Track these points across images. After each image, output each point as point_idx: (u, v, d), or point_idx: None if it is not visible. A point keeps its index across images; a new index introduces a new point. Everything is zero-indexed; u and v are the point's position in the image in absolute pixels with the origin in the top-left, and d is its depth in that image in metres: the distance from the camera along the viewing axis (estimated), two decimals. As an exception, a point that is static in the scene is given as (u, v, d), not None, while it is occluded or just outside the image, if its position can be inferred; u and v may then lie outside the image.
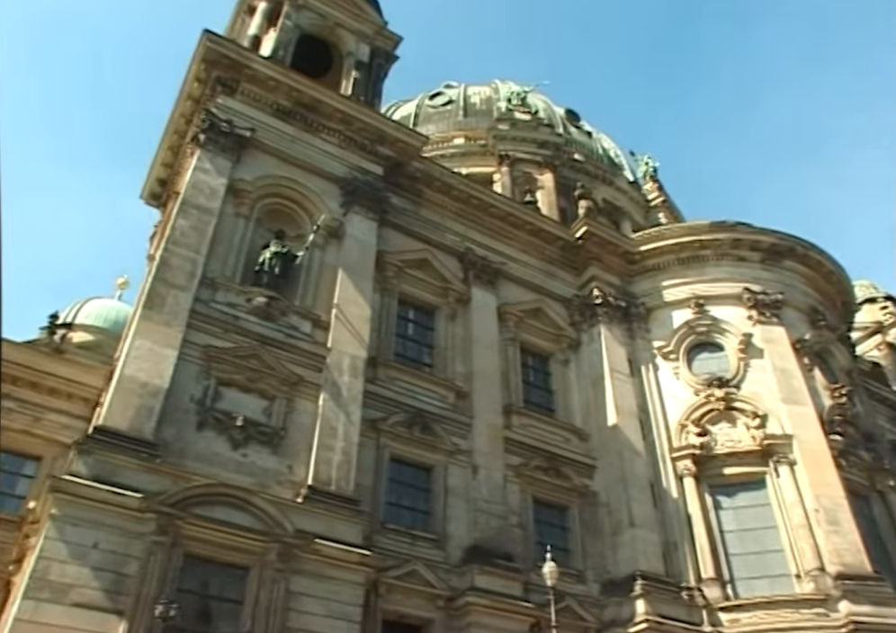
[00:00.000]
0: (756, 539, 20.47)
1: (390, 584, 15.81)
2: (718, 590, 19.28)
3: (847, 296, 27.20)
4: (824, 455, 21.06)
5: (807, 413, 21.87)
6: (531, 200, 31.63)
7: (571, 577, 18.83)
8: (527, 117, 36.89)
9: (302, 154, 20.67)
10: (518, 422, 20.65)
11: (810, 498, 20.26)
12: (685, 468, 21.30)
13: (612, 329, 23.57)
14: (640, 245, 25.45)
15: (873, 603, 18.47)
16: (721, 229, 25.46)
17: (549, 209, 31.03)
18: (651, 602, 18.23)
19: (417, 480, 18.26)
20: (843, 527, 19.80)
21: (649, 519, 20.00)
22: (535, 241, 24.66)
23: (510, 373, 21.56)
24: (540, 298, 23.64)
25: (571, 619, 17.82)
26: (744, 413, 21.97)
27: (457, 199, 23.53)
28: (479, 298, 22.19)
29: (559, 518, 19.94)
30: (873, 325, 38.14)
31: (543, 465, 20.06)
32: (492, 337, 21.59)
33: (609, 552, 19.69)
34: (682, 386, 22.96)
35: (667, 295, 24.74)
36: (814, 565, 19.29)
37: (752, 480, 21.29)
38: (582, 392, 22.66)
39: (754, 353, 23.23)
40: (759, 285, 24.50)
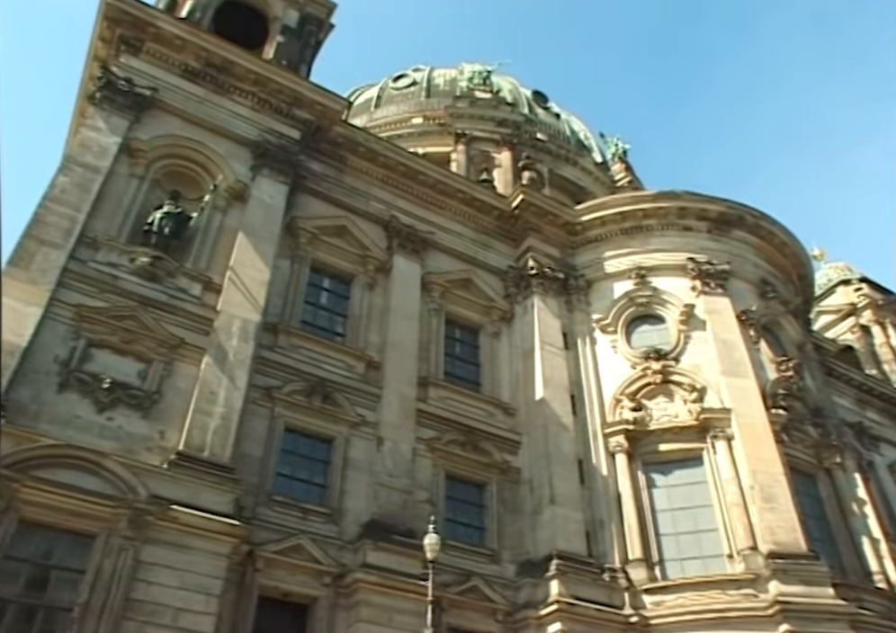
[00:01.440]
0: (689, 519, 19.20)
1: (270, 559, 14.76)
2: (644, 571, 18.03)
3: (804, 269, 25.85)
4: (763, 429, 19.78)
5: (748, 386, 20.59)
6: (486, 179, 30.57)
7: (484, 557, 17.73)
8: (487, 95, 35.92)
9: (210, 115, 19.79)
10: (436, 394, 19.55)
11: (746, 474, 18.99)
12: (618, 444, 20.09)
13: (547, 301, 22.43)
14: (582, 216, 24.30)
15: (804, 583, 17.15)
16: (665, 198, 24.25)
17: (505, 188, 29.85)
18: (567, 583, 17.03)
19: (316, 452, 17.20)
20: (779, 504, 18.51)
21: (572, 497, 18.81)
22: (469, 211, 23.60)
23: (431, 345, 20.48)
24: (470, 269, 22.56)
25: (478, 600, 16.69)
26: (682, 386, 20.73)
27: (383, 166, 22.54)
28: (401, 267, 21.15)
29: (475, 495, 18.79)
30: (846, 307, 36.66)
31: (460, 439, 18.94)
32: (413, 307, 20.53)
33: (529, 532, 18.52)
34: (619, 359, 21.76)
35: (609, 266, 23.56)
36: (746, 544, 18.01)
37: (689, 457, 20.02)
38: (512, 366, 21.54)
39: (696, 325, 21.98)
40: (705, 255, 23.27)
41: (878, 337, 34.94)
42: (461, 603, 16.42)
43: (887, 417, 31.20)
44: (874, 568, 19.34)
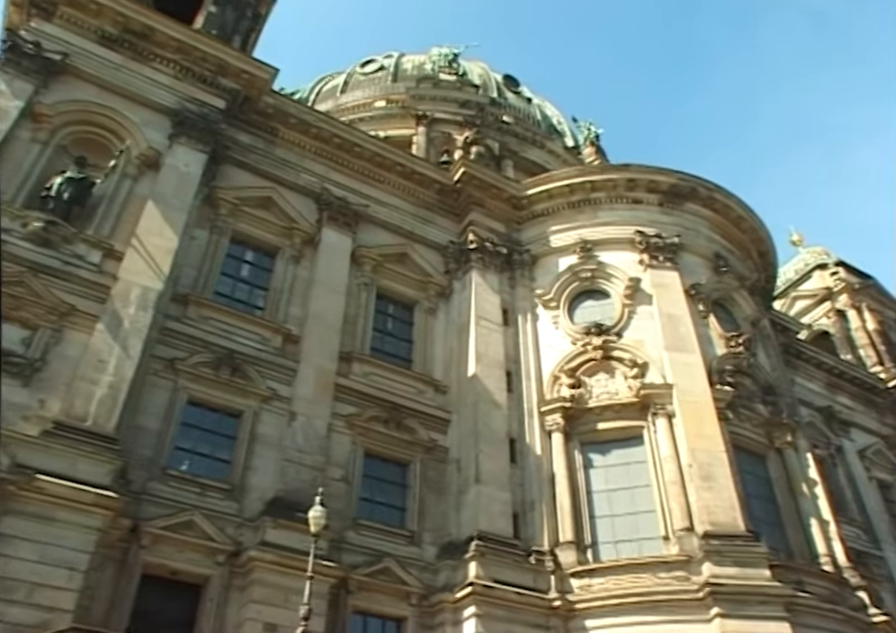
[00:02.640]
0: (626, 500, 18.22)
1: (158, 535, 13.90)
2: (573, 554, 17.05)
3: (765, 245, 24.78)
4: (706, 406, 18.77)
5: (692, 361, 19.59)
6: (447, 161, 29.75)
7: (401, 538, 16.84)
8: (452, 77, 35.16)
9: (127, 83, 19.05)
10: (360, 370, 18.69)
11: (686, 452, 18.00)
12: (554, 422, 19.13)
13: (486, 276, 21.52)
14: (528, 189, 23.40)
15: (739, 565, 16.13)
16: (614, 169, 23.36)
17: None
18: (486, 566, 16.08)
19: (222, 427, 16.35)
20: (718, 483, 17.49)
21: (500, 476, 17.86)
22: (409, 185, 22.75)
23: (358, 319, 19.63)
24: (406, 243, 21.70)
25: (389, 583, 15.78)
26: (623, 362, 19.77)
27: (317, 138, 21.73)
28: (330, 240, 20.31)
29: (397, 474, 17.89)
30: (822, 291, 35.48)
31: (382, 416, 18.05)
32: (340, 280, 19.68)
33: (453, 513, 17.59)
34: (560, 335, 20.81)
35: (555, 241, 22.63)
36: (682, 525, 17.02)
37: (629, 436, 19.04)
38: (447, 342, 20.65)
39: (642, 300, 21.01)
40: (655, 228, 22.30)
41: (854, 322, 33.76)
42: (370, 585, 15.51)
43: (860, 402, 30.12)
44: (821, 551, 18.28)
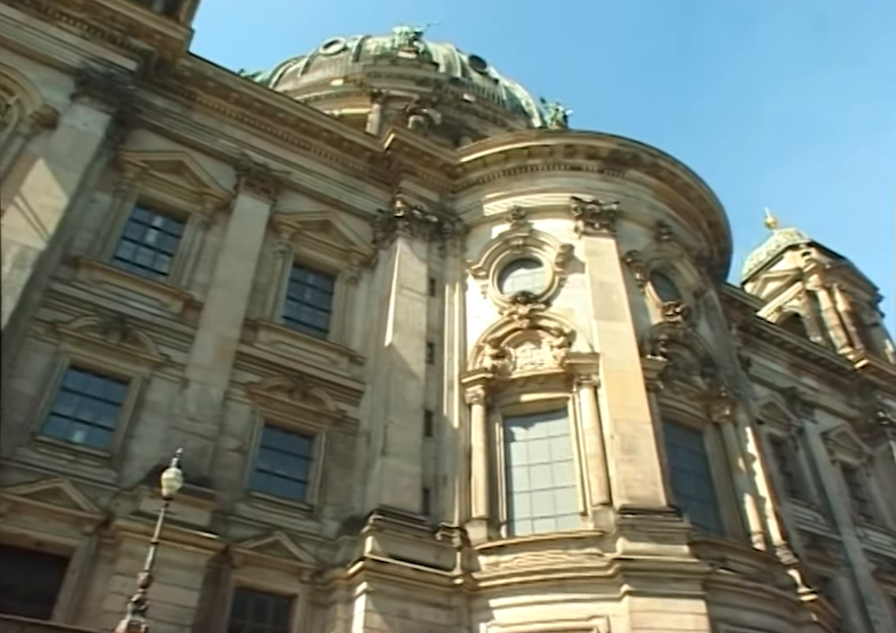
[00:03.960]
0: (546, 474, 17.23)
1: (19, 503, 13.10)
2: (484, 531, 16.06)
3: (715, 215, 23.72)
4: (633, 376, 17.75)
5: (621, 330, 18.59)
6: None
7: (299, 512, 15.92)
8: (411, 55, 34.30)
9: (29, 41, 18.26)
10: (267, 338, 17.81)
11: (609, 424, 17.02)
12: (474, 394, 18.14)
13: (413, 245, 20.60)
14: (462, 157, 22.47)
15: (655, 540, 15.11)
16: (550, 135, 22.45)
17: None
18: (384, 541, 15.13)
19: (108, 393, 15.48)
20: (640, 455, 16.48)
21: (410, 449, 16.91)
22: (337, 152, 21.87)
23: (271, 287, 18.77)
24: (329, 211, 20.81)
25: (279, 557, 14.86)
26: (550, 331, 18.79)
27: (237, 102, 20.89)
28: (245, 206, 19.46)
29: (302, 446, 16.97)
30: (792, 272, 34.25)
31: (287, 385, 17.15)
32: (252, 247, 18.81)
33: (359, 487, 16.67)
34: (488, 305, 19.86)
35: (488, 209, 21.68)
36: (600, 499, 16.02)
37: (553, 408, 18.04)
38: (369, 313, 19.75)
39: (574, 267, 20.03)
40: (593, 195, 21.33)
41: (824, 303, 32.53)
42: (257, 560, 14.59)
43: (826, 384, 28.96)
44: (755, 528, 17.18)
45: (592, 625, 14.29)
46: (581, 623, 14.38)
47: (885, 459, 27.66)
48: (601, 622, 14.30)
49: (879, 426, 28.25)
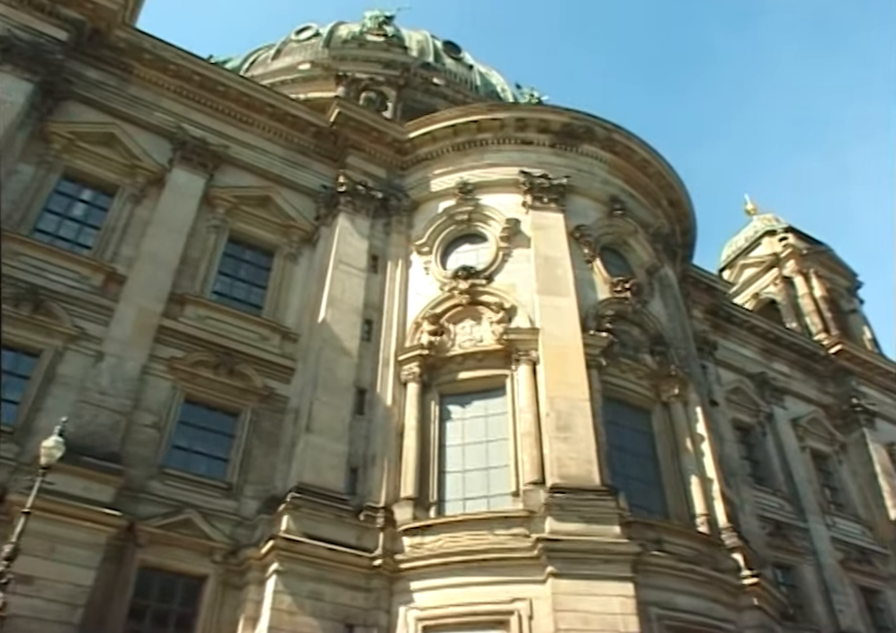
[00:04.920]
0: (481, 454, 16.53)
1: None
2: (410, 511, 15.38)
3: (675, 193, 22.96)
4: (573, 352, 17.04)
5: (564, 305, 17.88)
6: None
7: (215, 490, 15.27)
8: (379, 39, 33.66)
9: (-49, 9, 17.89)
10: (194, 313, 17.19)
11: (545, 401, 16.34)
12: (410, 372, 17.49)
13: (355, 220, 19.97)
14: (410, 132, 21.83)
15: (584, 520, 14.40)
16: (501, 108, 21.77)
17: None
18: (301, 520, 14.46)
19: (18, 366, 14.87)
20: (576, 433, 15.76)
21: (336, 427, 16.25)
22: (282, 127, 21.27)
23: (202, 262, 18.16)
24: (270, 186, 20.18)
25: (190, 536, 14.22)
26: (490, 307, 18.12)
27: (176, 76, 20.32)
28: (179, 180, 18.86)
29: (225, 423, 16.33)
30: (769, 258, 33.39)
31: (211, 361, 16.52)
32: (183, 221, 18.20)
33: (283, 465, 15.99)
34: (430, 281, 19.22)
35: (436, 185, 21.03)
36: (532, 478, 15.32)
37: (492, 386, 17.34)
38: (307, 289, 19.11)
39: (520, 242, 19.36)
40: (543, 169, 20.64)
41: (801, 288, 31.65)
42: (165, 539, 13.94)
43: (798, 370, 28.13)
44: (699, 510, 16.41)
45: (514, 608, 13.59)
46: (503, 606, 13.68)
47: (858, 447, 26.80)
48: (523, 605, 13.60)
49: (852, 413, 27.38)
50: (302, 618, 13.44)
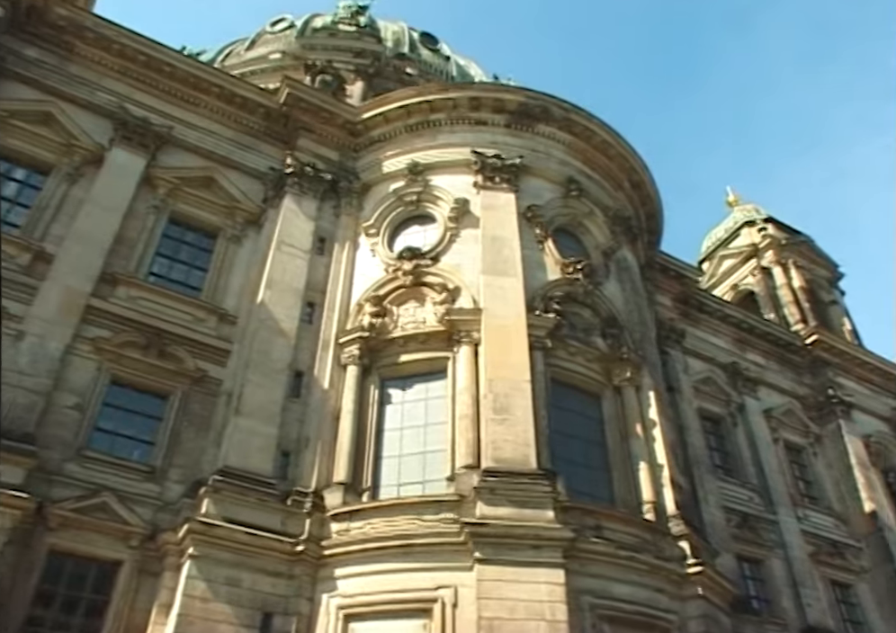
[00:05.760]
0: (420, 438, 15.94)
1: None
2: (340, 496, 14.78)
3: (638, 175, 22.31)
4: (516, 333, 16.43)
5: (509, 285, 17.27)
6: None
7: (137, 473, 14.72)
8: (351, 28, 33.26)
9: None
10: (126, 293, 16.67)
11: (484, 382, 15.74)
12: (350, 354, 16.93)
13: (302, 202, 19.45)
14: (363, 113, 21.31)
15: (516, 504, 13.76)
16: (455, 88, 21.20)
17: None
18: (223, 504, 13.90)
19: (-67, 347, 14.48)
20: (514, 415, 15.14)
21: (268, 409, 15.69)
22: (230, 109, 20.75)
23: (139, 242, 17.66)
24: (213, 167, 19.66)
25: (105, 520, 13.66)
26: (434, 288, 17.55)
27: (120, 55, 19.87)
28: (118, 160, 18.37)
29: (154, 405, 15.79)
30: (748, 248, 32.65)
31: (140, 342, 15.99)
32: (120, 201, 17.69)
33: (213, 449, 15.41)
34: (376, 263, 18.65)
35: (387, 167, 20.45)
36: (466, 462, 14.69)
37: (434, 369, 16.74)
38: (249, 272, 18.57)
39: (469, 223, 18.78)
40: (496, 150, 20.06)
41: (779, 279, 30.89)
42: (78, 523, 13.39)
43: (774, 360, 27.37)
44: (647, 497, 15.76)
45: (438, 595, 12.95)
46: (427, 593, 13.04)
47: (834, 438, 26.01)
48: (448, 592, 12.96)
49: (829, 404, 26.59)
50: (216, 605, 12.86)
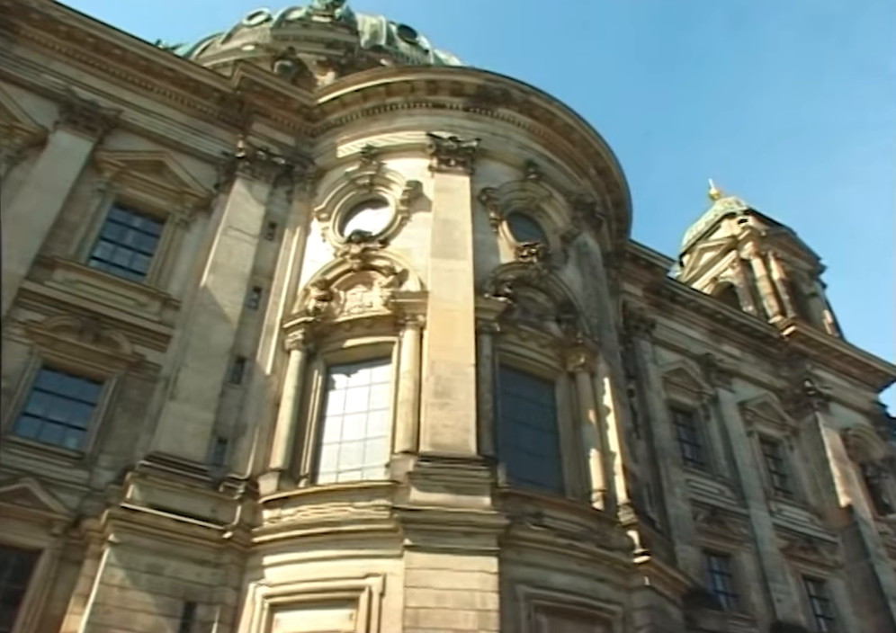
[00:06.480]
0: (362, 424, 15.45)
1: None
2: (275, 483, 14.29)
3: (603, 161, 21.81)
4: (462, 316, 15.92)
5: (458, 268, 16.78)
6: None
7: (65, 459, 14.25)
8: (325, 19, 32.93)
9: None
10: (63, 277, 16.24)
11: (426, 366, 15.24)
12: (294, 339, 16.47)
13: (252, 186, 19.04)
14: (319, 97, 20.88)
15: (451, 490, 13.25)
16: (411, 70, 20.78)
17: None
18: (149, 490, 13.45)
19: None
20: (455, 400, 14.63)
21: (205, 395, 15.22)
22: (183, 93, 20.37)
23: (81, 226, 17.25)
24: (163, 151, 19.27)
25: (26, 507, 13.20)
26: (381, 272, 17.08)
27: (69, 37, 19.50)
28: (62, 143, 18.00)
29: (89, 391, 15.35)
30: (727, 241, 32.03)
31: (76, 326, 15.54)
32: (62, 184, 17.29)
33: (147, 435, 14.94)
34: (326, 248, 18.21)
35: (342, 151, 20.02)
36: (404, 447, 14.20)
37: (380, 354, 16.24)
38: (197, 257, 18.14)
39: (421, 206, 18.33)
40: (453, 133, 19.60)
41: (758, 270, 30.25)
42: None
43: (750, 352, 26.79)
44: (597, 485, 15.20)
45: (365, 584, 12.44)
46: (355, 582, 12.53)
47: (811, 431, 25.36)
48: (376, 581, 12.45)
49: (805, 397, 25.96)
50: (135, 593, 12.38)
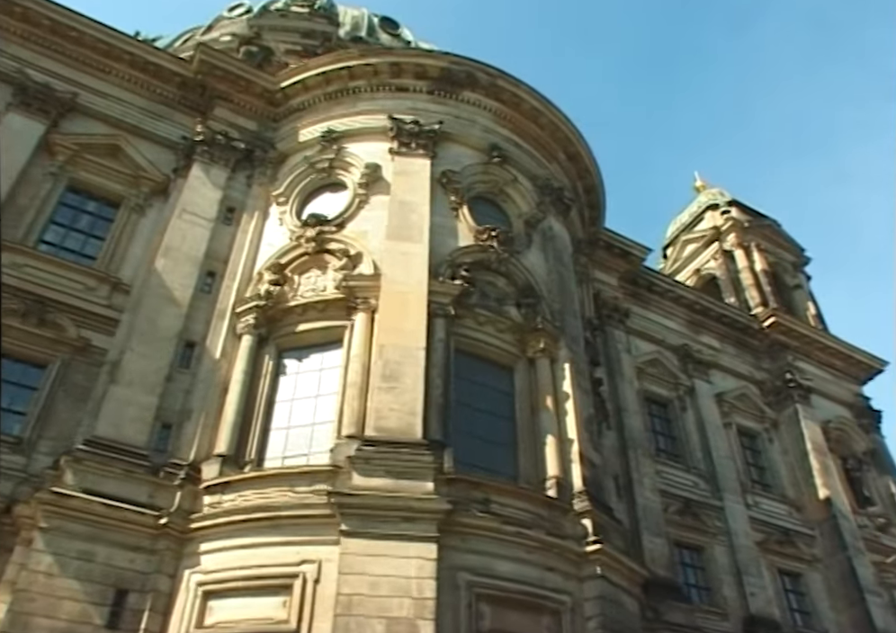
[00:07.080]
0: (310, 409, 15.06)
1: None
2: (217, 469, 13.87)
3: (573, 146, 21.37)
4: (415, 299, 15.50)
5: (413, 251, 16.37)
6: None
7: (2, 445, 13.80)
8: (304, 10, 32.65)
9: None
10: (11, 261, 15.56)
11: (375, 349, 14.84)
12: (245, 324, 16.08)
13: (210, 170, 18.67)
14: (282, 81, 20.51)
15: (392, 475, 12.83)
16: (374, 53, 20.36)
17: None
18: (84, 475, 13.06)
19: None
20: (403, 384, 14.22)
21: (150, 379, 14.84)
22: (142, 76, 20.02)
23: (30, 210, 16.93)
24: (119, 135, 18.93)
25: (-46, 494, 12.90)
26: (335, 255, 16.69)
27: (24, 19, 19.14)
28: (13, 125, 17.66)
29: (31, 375, 14.97)
30: (710, 232, 31.54)
31: (20, 309, 15.16)
32: (12, 167, 16.92)
33: (89, 420, 14.53)
34: (283, 232, 17.81)
35: (304, 135, 19.64)
36: (349, 431, 13.81)
37: (333, 339, 15.83)
38: (151, 242, 17.79)
39: (380, 189, 17.93)
40: (416, 116, 19.20)
41: (741, 262, 29.73)
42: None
43: (730, 343, 26.29)
44: (552, 472, 14.74)
45: (300, 570, 12.04)
46: (291, 569, 12.12)
47: (791, 424, 24.83)
48: (311, 567, 12.04)
49: (786, 389, 25.44)
50: (62, 580, 11.97)
